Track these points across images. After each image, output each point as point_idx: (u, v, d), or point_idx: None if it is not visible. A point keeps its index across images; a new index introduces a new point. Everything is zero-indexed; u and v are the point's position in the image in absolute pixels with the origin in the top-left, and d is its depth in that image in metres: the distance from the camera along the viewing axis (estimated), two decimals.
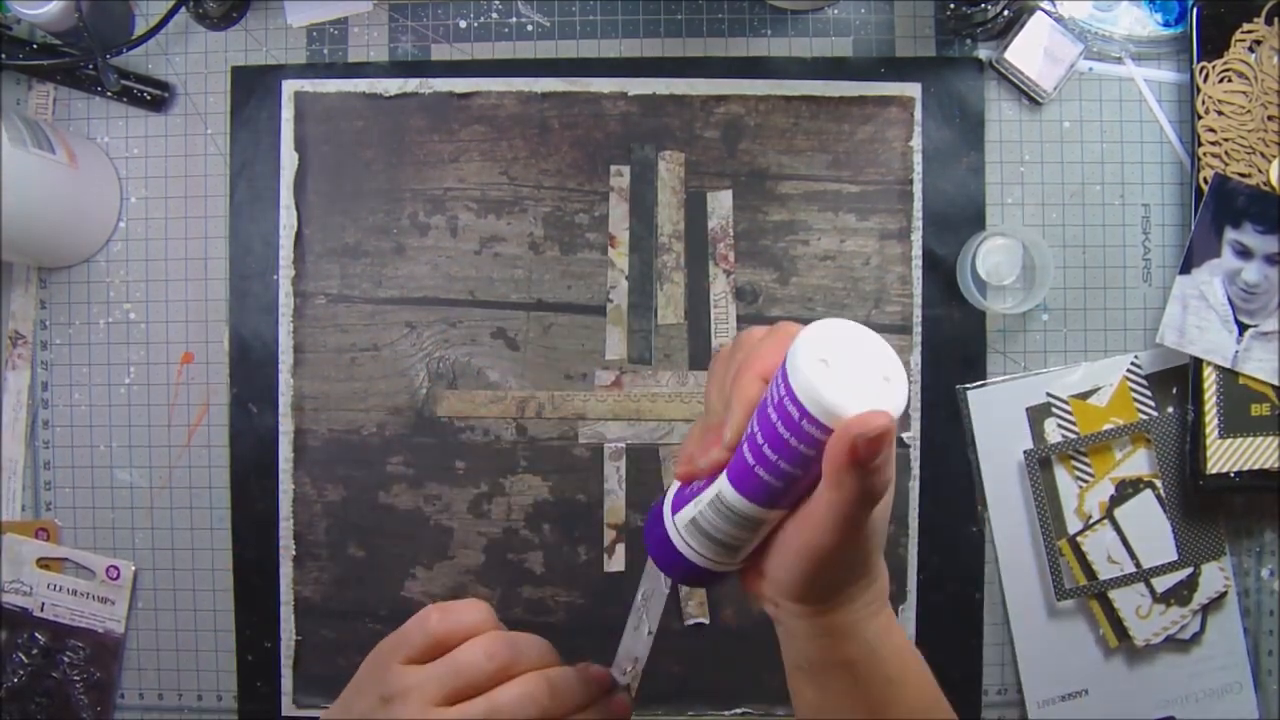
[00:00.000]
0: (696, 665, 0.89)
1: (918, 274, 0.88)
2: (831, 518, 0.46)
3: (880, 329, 0.86)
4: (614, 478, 0.88)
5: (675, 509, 0.54)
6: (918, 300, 0.88)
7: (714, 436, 0.50)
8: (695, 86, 0.88)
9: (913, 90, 0.88)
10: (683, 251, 0.88)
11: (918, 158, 0.88)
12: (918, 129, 0.88)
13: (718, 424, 0.51)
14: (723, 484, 0.50)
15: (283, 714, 0.90)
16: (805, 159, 0.88)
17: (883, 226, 0.88)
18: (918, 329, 0.88)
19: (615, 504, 0.89)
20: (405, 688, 0.53)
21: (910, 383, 0.88)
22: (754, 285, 0.88)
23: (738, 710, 0.89)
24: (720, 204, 0.88)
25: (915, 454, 0.88)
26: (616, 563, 0.89)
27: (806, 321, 0.47)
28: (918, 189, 0.88)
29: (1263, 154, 0.84)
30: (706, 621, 0.88)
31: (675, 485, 0.55)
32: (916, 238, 0.88)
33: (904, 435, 0.88)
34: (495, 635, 0.55)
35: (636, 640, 0.59)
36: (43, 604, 0.90)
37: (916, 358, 0.88)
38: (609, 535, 0.89)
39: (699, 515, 0.52)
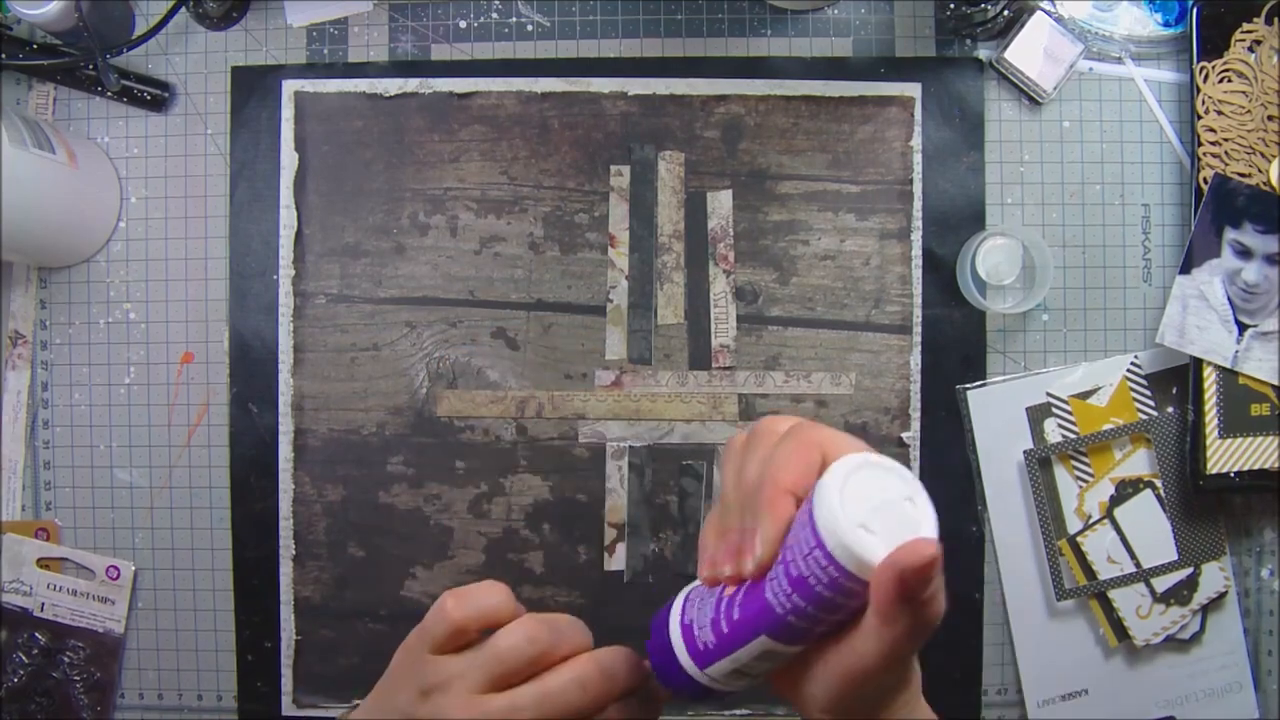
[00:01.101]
0: None
1: (918, 274, 0.88)
2: (879, 650, 0.45)
3: (880, 329, 0.87)
4: (615, 477, 0.88)
5: (686, 635, 0.52)
6: (917, 300, 0.88)
7: (734, 539, 0.49)
8: (695, 86, 0.88)
9: (913, 90, 0.88)
10: (683, 251, 0.88)
11: (918, 158, 0.88)
12: (918, 129, 0.88)
13: (738, 529, 0.49)
14: (736, 618, 0.48)
15: (283, 714, 0.90)
16: (805, 159, 0.88)
17: (883, 226, 0.88)
18: (917, 329, 0.88)
19: (616, 503, 0.89)
20: (445, 678, 0.52)
21: (910, 383, 0.88)
22: (754, 285, 0.88)
23: (738, 711, 0.89)
24: (720, 204, 0.88)
25: (915, 454, 0.88)
26: (617, 562, 0.89)
27: (806, 323, 0.46)
28: (918, 189, 0.88)
29: (1263, 154, 0.84)
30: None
31: (679, 601, 0.53)
32: (916, 238, 0.88)
33: (904, 435, 0.88)
34: (534, 619, 0.53)
35: None
36: (43, 604, 0.90)
37: (916, 358, 0.88)
38: (609, 535, 0.89)
39: (705, 639, 0.50)
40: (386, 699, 0.56)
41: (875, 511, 0.44)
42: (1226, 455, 0.84)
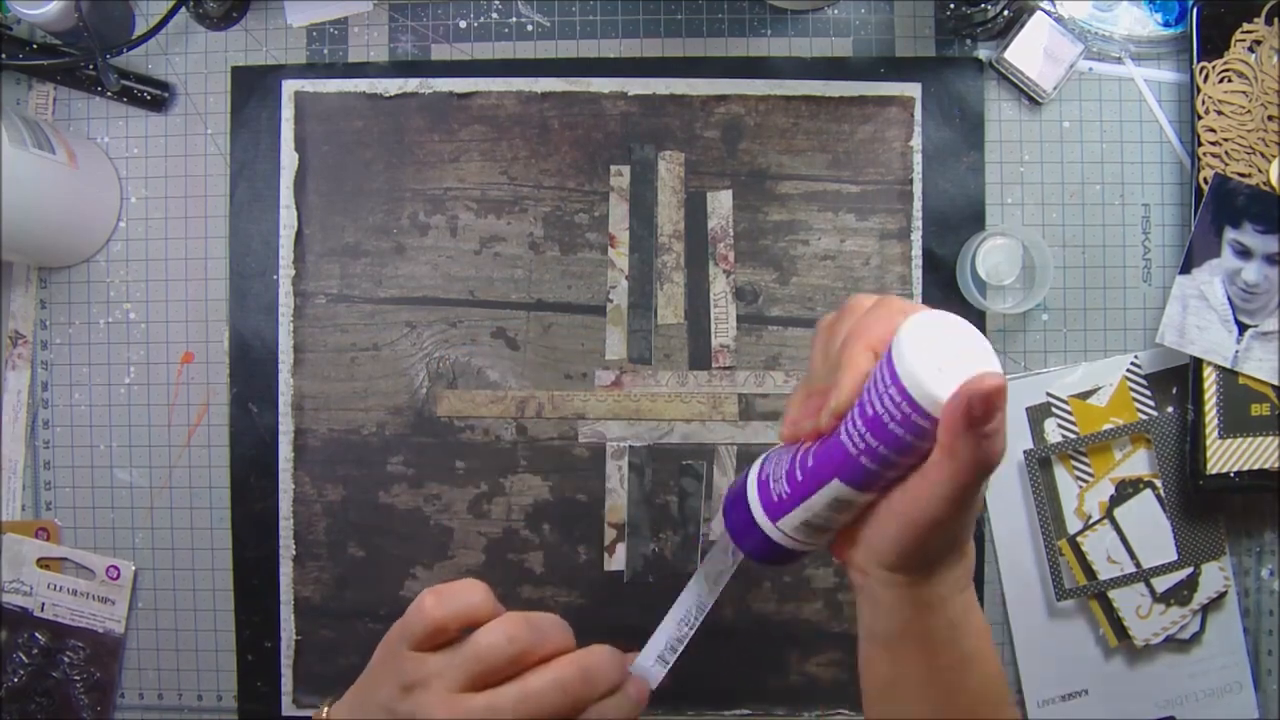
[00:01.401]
0: (698, 666, 0.88)
1: (918, 274, 0.88)
2: (945, 488, 0.46)
3: None
4: (615, 477, 0.88)
5: (762, 489, 0.54)
6: (918, 300, 0.88)
7: (817, 401, 0.51)
8: (695, 86, 0.88)
9: (913, 90, 0.88)
10: (682, 251, 0.88)
11: (918, 158, 0.88)
12: (918, 129, 0.88)
13: (822, 389, 0.51)
14: (814, 467, 0.51)
15: (283, 714, 0.90)
16: (805, 159, 0.88)
17: (883, 226, 0.88)
18: None
19: (616, 503, 0.89)
20: (425, 675, 0.52)
21: None
22: (754, 285, 0.88)
23: (738, 711, 0.89)
24: (720, 204, 0.88)
25: None
26: (617, 562, 0.89)
27: (806, 323, 0.47)
28: (917, 189, 0.88)
29: (1263, 154, 0.84)
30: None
31: (757, 464, 0.56)
32: (916, 237, 0.88)
33: None
34: (514, 618, 0.54)
35: (681, 627, 0.60)
36: (43, 604, 0.90)
37: None
38: (609, 535, 0.89)
39: (787, 498, 0.52)
40: (367, 694, 0.56)
41: (946, 356, 0.46)
42: (1226, 455, 0.84)
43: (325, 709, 0.59)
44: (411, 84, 0.89)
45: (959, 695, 0.55)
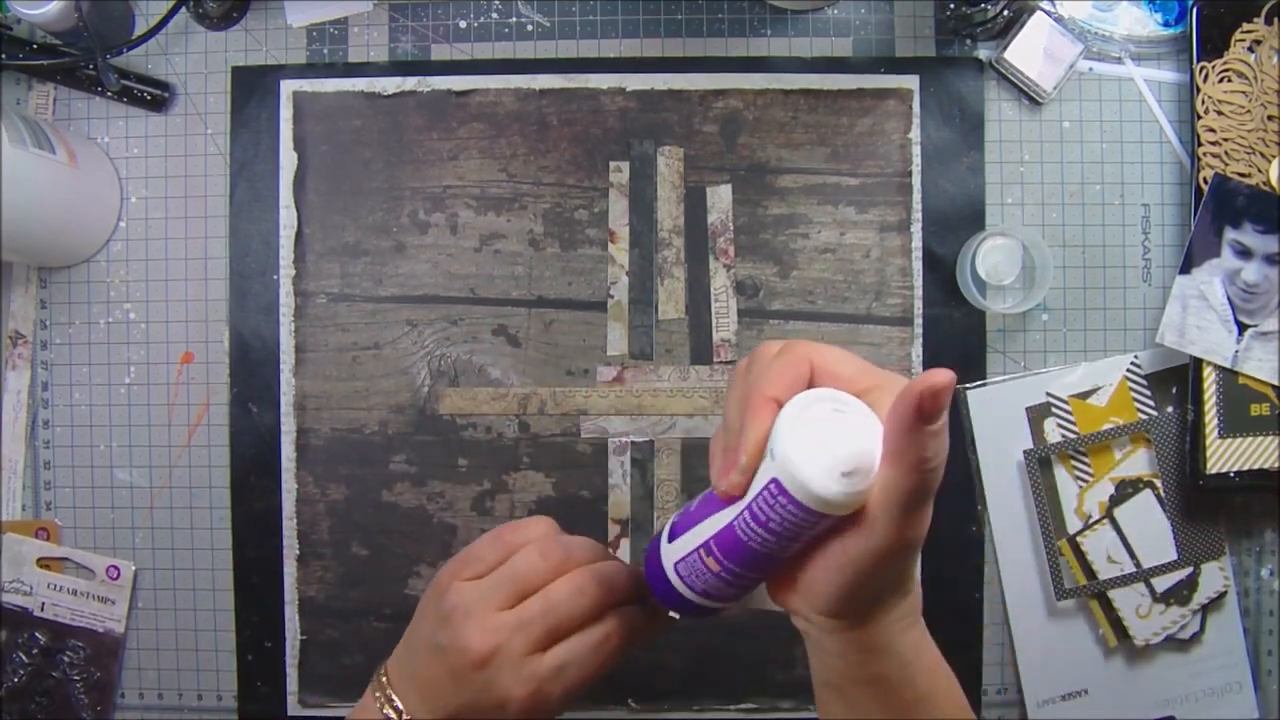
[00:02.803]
0: (702, 660, 0.89)
1: (918, 266, 0.88)
2: (893, 500, 0.46)
3: (881, 321, 0.88)
4: (618, 472, 0.89)
5: (672, 538, 0.54)
6: (918, 292, 0.88)
7: (731, 457, 0.50)
8: (693, 81, 0.88)
9: (910, 82, 0.88)
10: (683, 246, 0.88)
11: (916, 150, 0.88)
12: (916, 121, 0.88)
13: (733, 443, 0.50)
14: (712, 540, 0.51)
15: (288, 714, 0.90)
16: (804, 152, 0.88)
17: (882, 219, 0.88)
18: (918, 321, 0.88)
19: (619, 499, 0.89)
20: (465, 602, 0.57)
21: (912, 375, 0.87)
22: (754, 279, 0.88)
23: (744, 705, 0.89)
24: (720, 198, 0.88)
25: None
26: (620, 557, 0.88)
27: (807, 317, 0.48)
28: (916, 181, 0.88)
29: (1263, 154, 0.84)
30: (677, 616, 0.88)
31: (672, 517, 0.56)
32: (916, 230, 0.88)
33: None
34: (548, 536, 0.59)
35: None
36: (43, 604, 0.90)
37: (917, 350, 0.88)
38: (612, 530, 0.89)
39: (694, 558, 0.52)
40: (412, 637, 0.61)
41: (828, 444, 0.46)
42: (1226, 455, 0.84)
43: (384, 664, 0.62)
44: (410, 82, 0.89)
45: None
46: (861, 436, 0.46)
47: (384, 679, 0.60)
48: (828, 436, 0.46)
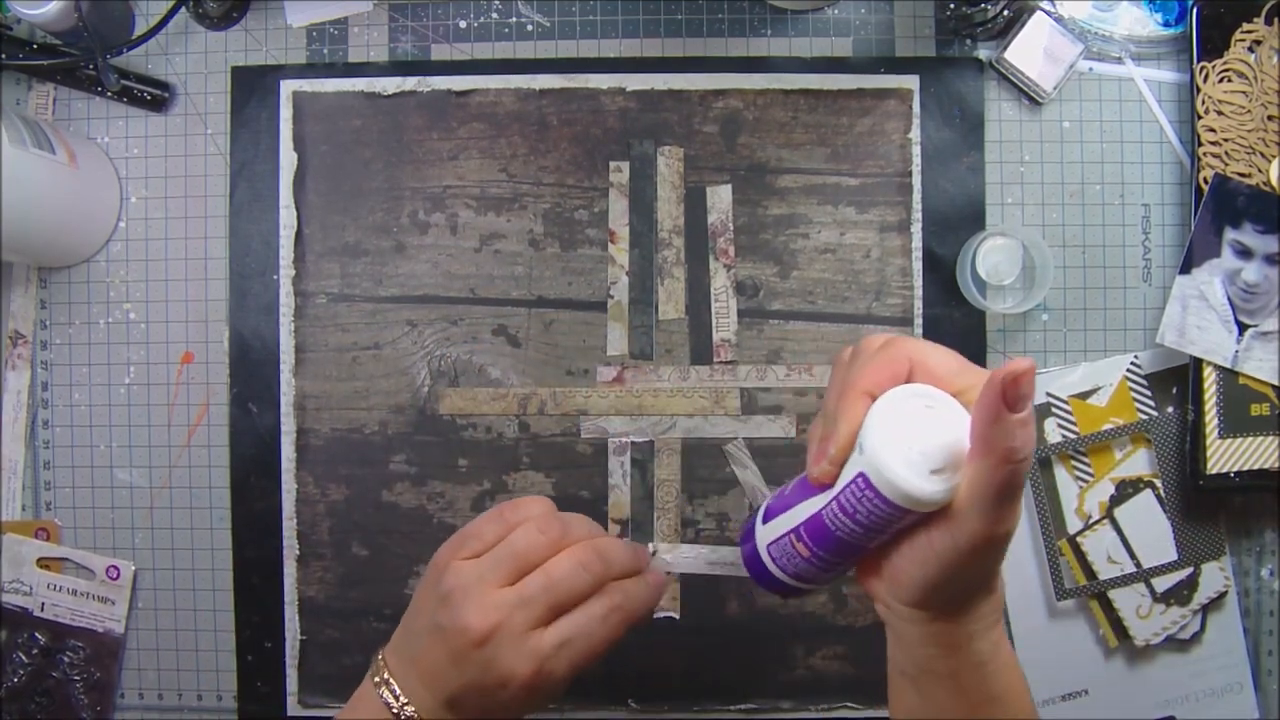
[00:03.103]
0: (703, 661, 0.89)
1: (918, 266, 0.88)
2: (981, 493, 0.46)
3: (881, 321, 0.87)
4: (618, 473, 0.88)
5: (766, 519, 0.55)
6: (918, 292, 0.88)
7: (824, 446, 0.50)
8: (693, 81, 0.88)
9: (910, 82, 0.88)
10: (683, 246, 0.88)
11: (916, 150, 0.88)
12: (916, 121, 0.88)
13: (828, 431, 0.51)
14: (802, 526, 0.52)
15: (288, 714, 0.89)
16: (804, 152, 0.88)
17: (882, 219, 0.88)
18: (918, 321, 0.88)
19: (619, 499, 0.89)
20: (464, 581, 0.57)
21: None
22: (755, 279, 0.88)
23: (744, 705, 0.89)
24: (720, 198, 0.88)
25: None
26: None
27: (807, 317, 0.48)
28: (917, 181, 0.88)
29: (1263, 154, 0.84)
30: (677, 616, 0.88)
31: (768, 498, 0.57)
32: (916, 230, 0.88)
33: None
34: (547, 514, 0.59)
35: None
36: (43, 604, 0.90)
37: None
38: (612, 530, 0.89)
39: (785, 541, 0.53)
40: (411, 619, 0.60)
41: (916, 439, 0.46)
42: (1226, 455, 0.84)
43: (381, 651, 0.62)
44: (410, 82, 0.89)
45: None
46: (951, 433, 0.47)
47: (382, 665, 0.60)
48: (916, 432, 0.46)
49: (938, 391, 0.48)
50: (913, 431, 0.46)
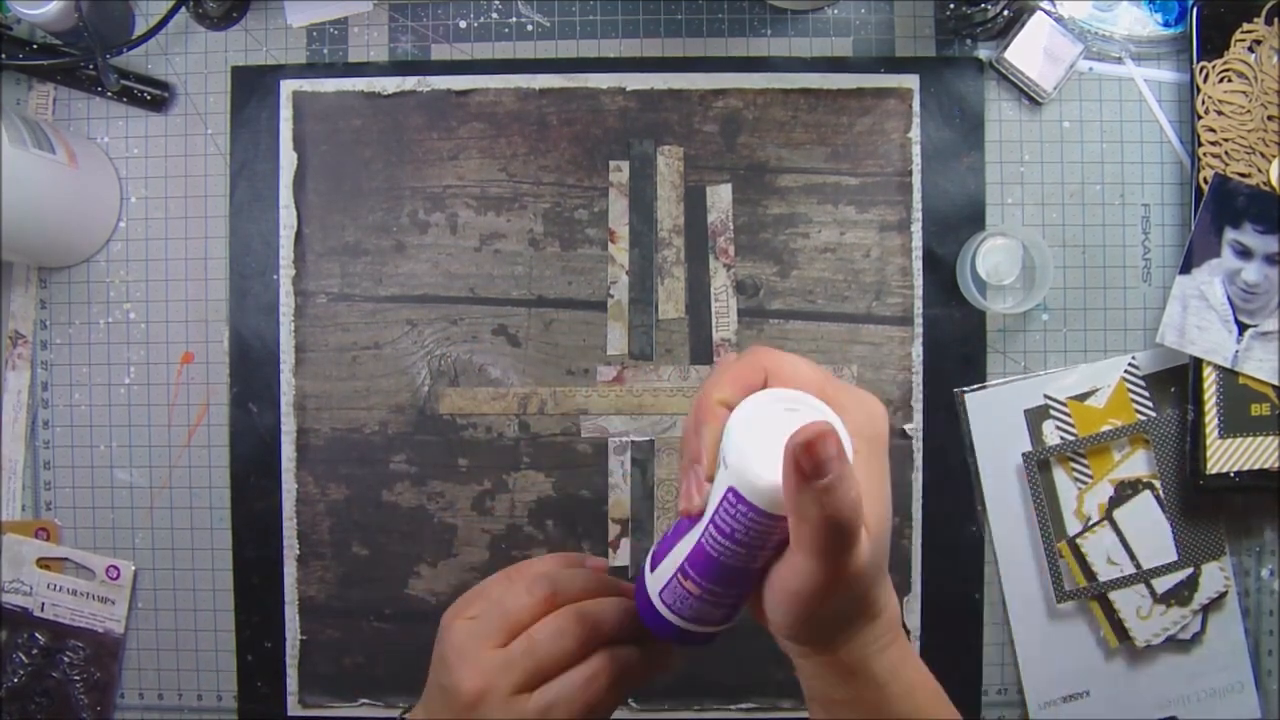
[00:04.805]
0: (702, 660, 0.89)
1: (918, 265, 0.88)
2: (807, 554, 0.44)
3: (881, 321, 0.88)
4: (618, 472, 0.88)
5: (653, 567, 0.53)
6: (918, 292, 0.88)
7: (691, 473, 0.49)
8: (693, 81, 0.88)
9: (910, 82, 0.88)
10: (683, 246, 0.88)
11: (916, 149, 0.88)
12: (916, 121, 0.88)
13: (691, 458, 0.49)
14: (686, 561, 0.50)
15: (288, 714, 0.90)
16: (804, 152, 0.88)
17: (882, 218, 0.88)
18: (918, 320, 0.88)
19: (619, 498, 0.89)
20: (459, 641, 0.55)
21: (912, 374, 0.88)
22: (754, 279, 0.88)
23: (744, 705, 0.89)
24: (720, 198, 0.88)
25: (918, 445, 0.88)
26: (621, 557, 0.89)
27: (807, 316, 0.47)
28: (917, 180, 0.88)
29: (1263, 154, 0.84)
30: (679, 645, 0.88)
31: (652, 548, 0.55)
32: (916, 229, 0.88)
33: (906, 427, 0.88)
34: (539, 573, 0.57)
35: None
36: (43, 604, 0.90)
37: (917, 349, 0.88)
38: (613, 530, 0.89)
39: (674, 583, 0.51)
40: (430, 677, 0.59)
41: (778, 442, 0.43)
42: (1226, 455, 0.84)
43: (403, 710, 0.62)
44: (409, 82, 0.89)
45: None
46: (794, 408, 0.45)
47: None
48: (779, 435, 0.42)
49: (797, 393, 0.46)
50: (775, 434, 0.43)
